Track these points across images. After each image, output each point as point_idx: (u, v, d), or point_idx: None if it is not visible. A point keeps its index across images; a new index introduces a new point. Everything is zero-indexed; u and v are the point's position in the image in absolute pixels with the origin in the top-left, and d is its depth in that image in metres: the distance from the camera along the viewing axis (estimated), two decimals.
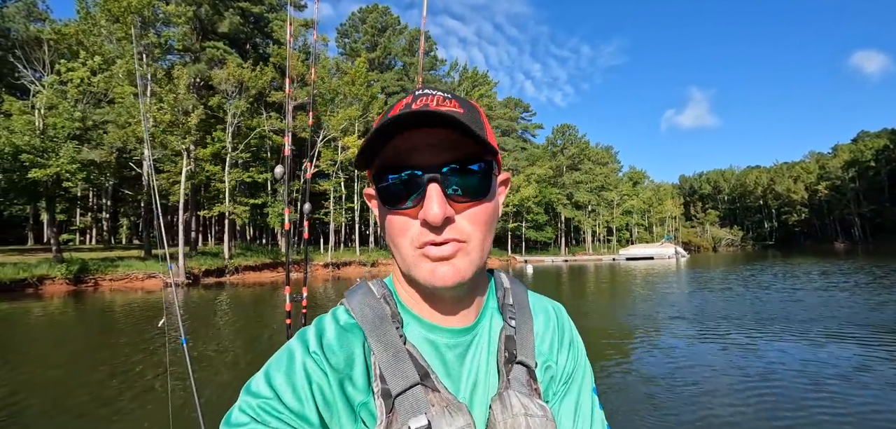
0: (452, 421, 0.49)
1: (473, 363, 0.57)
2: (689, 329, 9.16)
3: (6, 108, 21.37)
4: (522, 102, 73.37)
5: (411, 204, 0.50)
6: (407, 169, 0.50)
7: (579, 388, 0.63)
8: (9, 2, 33.72)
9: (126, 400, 5.42)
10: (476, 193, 0.51)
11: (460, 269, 0.50)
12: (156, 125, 23.11)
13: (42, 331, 10.75)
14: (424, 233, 0.50)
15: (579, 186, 64.14)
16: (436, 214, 0.48)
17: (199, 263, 24.03)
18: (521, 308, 0.62)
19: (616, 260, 52.01)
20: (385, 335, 0.53)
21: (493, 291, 0.63)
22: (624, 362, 6.88)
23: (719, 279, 21.30)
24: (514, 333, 0.59)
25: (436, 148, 0.49)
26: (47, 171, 19.89)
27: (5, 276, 17.68)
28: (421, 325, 0.56)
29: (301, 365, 0.50)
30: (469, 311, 0.57)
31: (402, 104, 0.52)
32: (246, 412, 0.47)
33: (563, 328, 0.66)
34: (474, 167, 0.51)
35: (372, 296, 0.57)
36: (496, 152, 0.52)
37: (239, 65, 29.27)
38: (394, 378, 0.50)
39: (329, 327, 0.55)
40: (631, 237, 76.51)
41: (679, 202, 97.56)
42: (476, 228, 0.51)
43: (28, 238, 37.51)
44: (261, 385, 0.49)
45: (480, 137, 0.48)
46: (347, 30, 53.16)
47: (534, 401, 0.54)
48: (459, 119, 0.46)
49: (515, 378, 0.56)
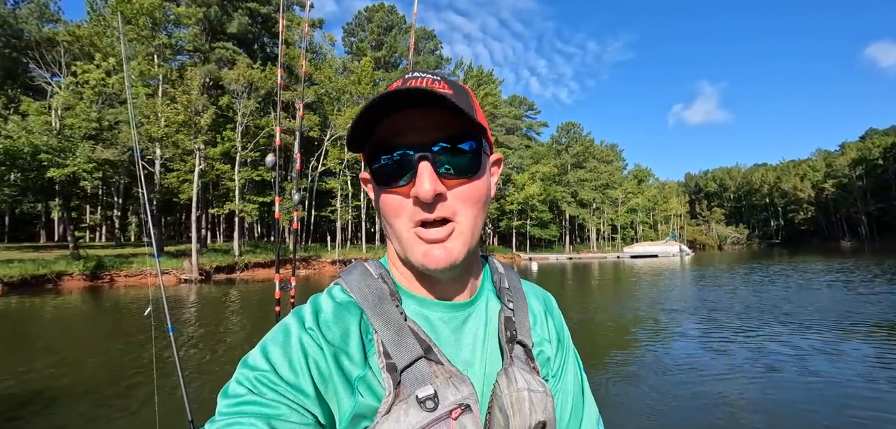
0: (457, 391, 0.51)
1: (469, 338, 0.59)
2: (692, 326, 9.37)
3: (23, 108, 21.93)
4: (527, 100, 73.47)
5: (404, 183, 0.52)
6: (398, 149, 0.51)
7: (571, 370, 0.68)
8: (21, 3, 34.33)
9: (133, 385, 5.82)
10: (466, 171, 0.53)
11: (452, 251, 0.52)
12: (168, 125, 23.59)
13: (63, 323, 11.22)
14: (418, 211, 0.51)
15: (584, 184, 64.20)
16: (427, 190, 0.49)
17: (211, 259, 24.53)
18: (517, 293, 0.66)
19: (620, 258, 52.12)
20: (386, 312, 0.54)
21: (489, 274, 0.67)
22: (629, 358, 7.03)
23: (723, 277, 21.51)
24: (513, 314, 0.62)
25: (426, 127, 0.51)
26: (65, 170, 20.43)
27: (26, 272, 18.24)
28: (416, 301, 0.58)
29: (297, 339, 0.52)
30: (462, 289, 0.60)
31: (393, 88, 0.52)
32: (243, 384, 0.49)
33: (552, 315, 0.70)
34: (464, 146, 0.52)
35: (369, 276, 0.59)
36: (485, 131, 0.54)
37: (249, 65, 29.72)
38: (398, 353, 0.52)
39: (325, 303, 0.56)
40: (635, 235, 76.45)
41: (684, 200, 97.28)
42: (467, 205, 0.53)
43: (40, 235, 38.29)
44: (257, 359, 0.51)
45: (468, 114, 0.49)
46: (353, 29, 53.50)
47: (535, 378, 0.58)
48: (447, 97, 0.47)
49: (516, 356, 0.59)
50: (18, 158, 20.19)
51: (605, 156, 70.64)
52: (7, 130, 20.28)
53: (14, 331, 9.98)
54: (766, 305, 11.71)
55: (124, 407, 5.11)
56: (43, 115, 21.76)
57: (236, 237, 28.85)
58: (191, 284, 20.91)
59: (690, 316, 10.70)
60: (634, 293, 16.40)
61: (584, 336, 9.09)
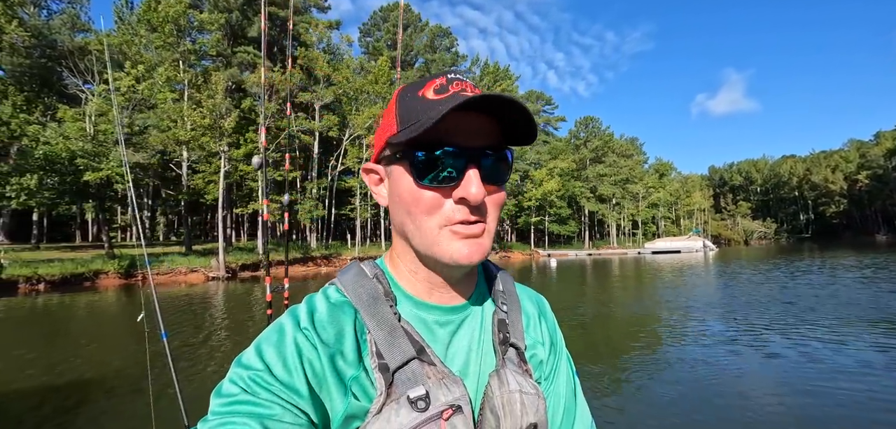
0: (449, 392, 0.51)
1: (464, 341, 0.59)
2: (714, 323, 9.23)
3: (60, 115, 23.05)
4: (544, 95, 72.78)
5: (445, 182, 0.52)
6: (448, 147, 0.51)
7: (563, 373, 0.69)
8: (55, 14, 35.96)
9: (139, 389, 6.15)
10: (500, 179, 0.55)
11: (484, 247, 0.54)
12: (194, 129, 24.40)
13: (95, 319, 11.85)
14: (457, 211, 0.52)
15: (603, 179, 63.29)
16: (476, 194, 0.50)
17: (236, 257, 25.31)
18: (511, 295, 0.67)
19: (641, 254, 51.28)
20: (379, 313, 0.55)
21: (483, 277, 0.68)
22: (648, 355, 6.96)
23: (748, 273, 21.02)
24: (506, 317, 0.63)
25: (476, 132, 0.52)
26: (99, 173, 21.42)
27: (66, 271, 19.24)
28: (412, 303, 0.58)
29: (292, 339, 0.52)
30: (461, 291, 0.61)
31: (437, 84, 0.53)
32: (236, 383, 0.49)
33: (546, 318, 0.71)
34: (503, 154, 0.55)
35: (364, 276, 0.59)
36: (533, 141, 0.55)
37: (269, 68, 30.41)
38: (391, 353, 0.52)
39: (320, 304, 0.57)
40: (657, 231, 74.98)
41: (708, 194, 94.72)
42: (496, 210, 0.55)
43: (76, 235, 40.14)
44: (251, 358, 0.51)
45: (535, 129, 0.53)
46: (369, 29, 54.03)
47: (527, 380, 0.58)
48: (529, 112, 0.50)
49: (509, 358, 0.60)
50: (57, 162, 21.28)
51: (624, 150, 69.46)
52: (46, 136, 21.40)
53: (51, 328, 10.59)
54: (794, 303, 11.47)
55: (132, 412, 5.09)
56: (78, 121, 22.84)
57: (259, 236, 29.66)
58: (218, 282, 21.65)
59: (712, 313, 10.57)
60: (655, 290, 16.23)
61: (603, 332, 9.11)
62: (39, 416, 4.96)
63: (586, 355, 7.34)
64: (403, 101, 0.55)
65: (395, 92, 0.58)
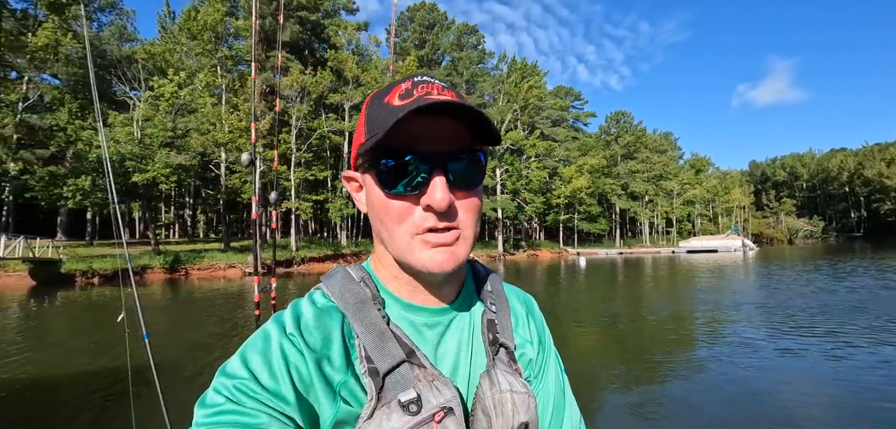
0: (440, 394, 0.51)
1: (453, 342, 0.59)
2: (750, 327, 8.89)
3: (110, 121, 24.67)
4: (573, 90, 71.41)
5: (413, 190, 0.52)
6: (412, 155, 0.51)
7: (552, 371, 0.69)
8: (104, 25, 38.40)
9: None
10: (471, 183, 0.54)
11: (458, 255, 0.53)
12: (231, 131, 25.53)
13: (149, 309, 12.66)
14: (426, 219, 0.52)
15: (635, 175, 61.54)
16: (441, 200, 0.50)
17: (271, 254, 26.31)
18: (499, 296, 0.67)
19: (675, 253, 49.62)
20: (367, 317, 0.54)
21: (470, 276, 0.67)
22: (677, 359, 6.74)
23: (790, 274, 20.06)
24: (495, 317, 0.63)
25: (441, 137, 0.51)
26: (146, 174, 22.80)
27: (116, 266, 20.58)
28: (400, 305, 0.58)
29: (278, 346, 0.51)
30: (447, 293, 0.61)
31: (402, 89, 0.52)
32: (221, 393, 0.47)
33: (534, 317, 0.71)
34: (473, 157, 0.54)
35: (351, 280, 0.59)
36: (498, 143, 0.54)
37: (301, 71, 31.37)
38: (380, 357, 0.52)
39: (306, 309, 0.56)
40: (693, 229, 72.27)
41: (749, 191, 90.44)
42: (470, 215, 0.54)
43: (125, 233, 42.71)
44: (236, 367, 0.49)
45: (495, 131, 0.51)
46: (397, 29, 54.65)
47: (517, 379, 0.58)
48: (485, 115, 0.49)
49: (499, 359, 0.60)
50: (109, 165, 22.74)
51: (658, 145, 67.25)
52: (98, 141, 22.95)
53: (96, 318, 11.39)
54: (838, 307, 10.91)
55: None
56: (126, 126, 24.37)
57: (293, 233, 30.70)
58: (254, 277, 22.64)
59: (746, 315, 10.21)
60: (686, 290, 15.77)
61: (632, 332, 9.00)
62: (88, 393, 5.42)
63: (613, 354, 7.30)
64: (371, 108, 0.54)
65: (366, 99, 0.57)
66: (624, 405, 4.84)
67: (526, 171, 44.63)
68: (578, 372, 6.40)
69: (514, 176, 43.62)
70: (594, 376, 6.09)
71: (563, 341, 8.43)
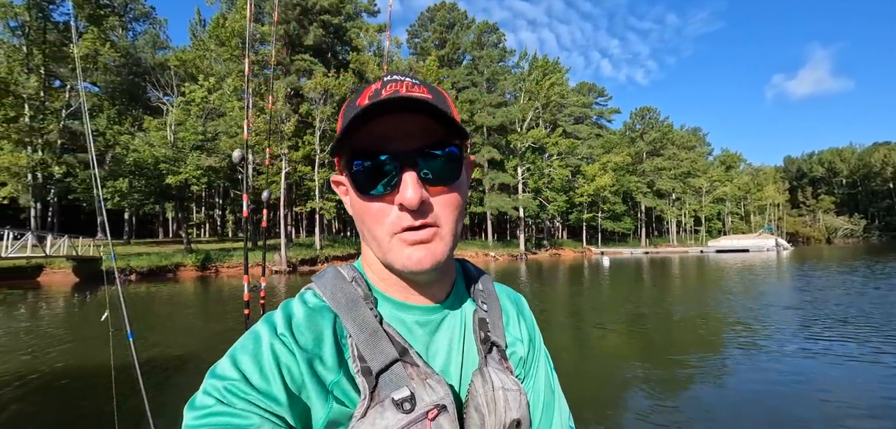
0: (433, 392, 0.51)
1: (444, 340, 0.60)
2: (784, 332, 8.43)
3: (145, 126, 25.88)
4: (597, 87, 70.19)
5: (387, 190, 0.52)
6: (382, 155, 0.51)
7: (543, 369, 0.70)
8: (139, 35, 40.25)
9: None
10: (448, 177, 0.53)
11: (436, 252, 0.52)
12: (258, 134, 26.31)
13: (173, 306, 13.24)
14: (401, 218, 0.51)
15: (661, 173, 59.96)
16: (412, 198, 0.49)
17: (297, 253, 27.05)
18: (490, 294, 0.68)
19: (704, 252, 48.15)
20: (359, 316, 0.54)
21: (461, 276, 0.68)
22: (708, 368, 6.23)
23: (826, 276, 19.20)
24: (487, 316, 0.64)
25: (409, 134, 0.51)
26: (179, 176, 23.80)
27: (152, 263, 21.64)
28: (391, 304, 0.58)
29: (268, 346, 0.50)
30: (438, 292, 0.61)
31: (372, 90, 0.53)
32: (211, 395, 0.47)
33: (524, 316, 0.72)
34: (446, 152, 0.53)
35: (342, 279, 0.58)
36: (467, 137, 0.55)
37: (324, 74, 32.03)
38: (373, 356, 0.52)
39: (297, 309, 0.55)
40: (723, 228, 69.91)
41: (783, 188, 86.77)
42: (448, 211, 0.54)
43: (158, 232, 44.64)
44: (226, 368, 0.49)
45: (455, 123, 0.51)
46: (417, 29, 55.00)
47: (509, 377, 0.59)
48: (435, 105, 0.48)
49: (491, 357, 0.61)
50: (144, 167, 23.92)
51: (685, 141, 65.36)
52: (134, 145, 24.12)
53: (135, 312, 11.99)
54: (879, 311, 10.41)
55: None
56: (160, 131, 25.50)
57: (317, 233, 31.41)
58: (281, 276, 23.29)
59: (779, 319, 9.87)
60: (713, 291, 15.33)
61: (657, 334, 8.85)
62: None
63: (634, 355, 7.22)
64: (345, 111, 0.55)
65: (344, 104, 0.59)
66: (645, 410, 4.71)
67: (548, 169, 44.16)
68: (598, 374, 6.36)
69: (535, 174, 43.24)
70: (614, 378, 6.04)
71: (583, 342, 8.38)
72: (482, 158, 43.40)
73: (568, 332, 9.22)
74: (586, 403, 4.95)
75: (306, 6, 36.48)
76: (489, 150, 43.12)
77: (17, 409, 4.94)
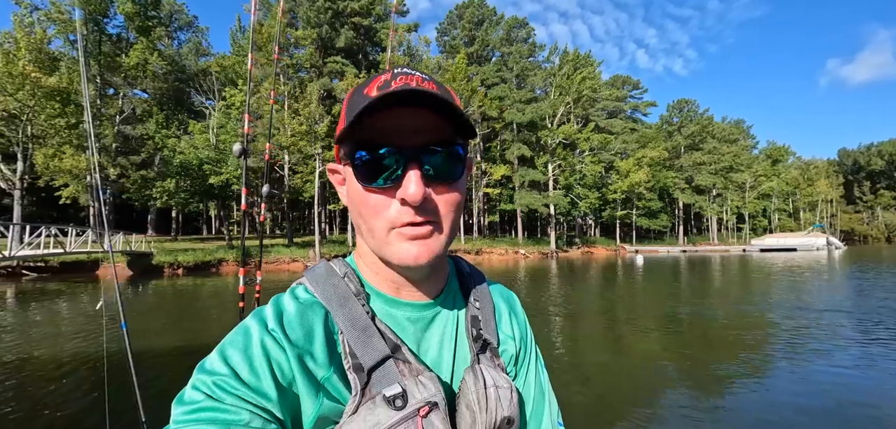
0: (425, 389, 0.51)
1: (436, 337, 0.60)
2: (835, 343, 7.60)
3: (190, 129, 27.43)
4: (631, 79, 68.05)
5: (388, 183, 0.51)
6: (386, 147, 0.50)
7: (533, 367, 0.70)
8: (183, 43, 42.58)
9: None
10: (450, 175, 0.53)
11: (433, 249, 0.52)
12: (293, 135, 27.35)
13: (214, 300, 14.02)
14: (402, 213, 0.51)
15: (701, 167, 57.48)
16: (415, 194, 0.49)
17: (330, 249, 27.93)
18: (482, 292, 0.68)
19: (747, 251, 45.87)
20: (351, 312, 0.54)
21: (454, 273, 0.68)
22: (747, 376, 5.78)
23: (884, 278, 17.95)
24: (479, 313, 0.64)
25: (416, 129, 0.50)
26: (221, 177, 25.11)
27: (197, 258, 22.97)
28: (383, 300, 0.58)
29: (258, 341, 0.50)
30: (430, 288, 0.61)
31: (381, 81, 0.51)
32: (199, 390, 0.46)
33: (516, 314, 0.72)
34: (451, 150, 0.52)
35: (334, 274, 0.58)
36: (475, 135, 0.53)
37: (355, 75, 32.80)
38: (365, 352, 0.52)
39: (288, 304, 0.55)
40: (770, 225, 66.25)
41: (837, 182, 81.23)
42: (448, 209, 0.53)
43: (202, 229, 47.12)
44: (216, 363, 0.48)
45: (463, 121, 0.50)
46: (446, 28, 55.15)
47: (500, 375, 0.59)
48: (445, 101, 0.48)
49: (482, 354, 0.61)
50: (189, 169, 25.40)
51: (727, 134, 62.33)
52: (180, 148, 25.64)
53: (174, 303, 12.80)
54: None
55: None
56: (203, 133, 26.96)
57: (350, 230, 32.26)
58: None
59: (829, 324, 9.37)
60: (754, 291, 14.68)
61: (690, 336, 8.64)
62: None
63: (667, 357, 7.10)
64: (350, 99, 0.54)
65: (349, 91, 0.58)
66: (680, 418, 4.48)
67: (579, 165, 43.32)
68: (627, 376, 6.31)
69: (567, 171, 42.53)
70: (641, 381, 5.97)
71: (609, 341, 8.29)
72: (512, 156, 43.08)
73: (592, 331, 9.14)
74: (609, 406, 4.91)
75: (338, 10, 37.45)
76: (519, 147, 42.77)
77: (71, 384, 5.47)
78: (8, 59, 20.67)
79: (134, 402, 2.41)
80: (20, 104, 21.34)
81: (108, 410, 2.89)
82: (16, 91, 20.81)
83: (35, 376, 5.91)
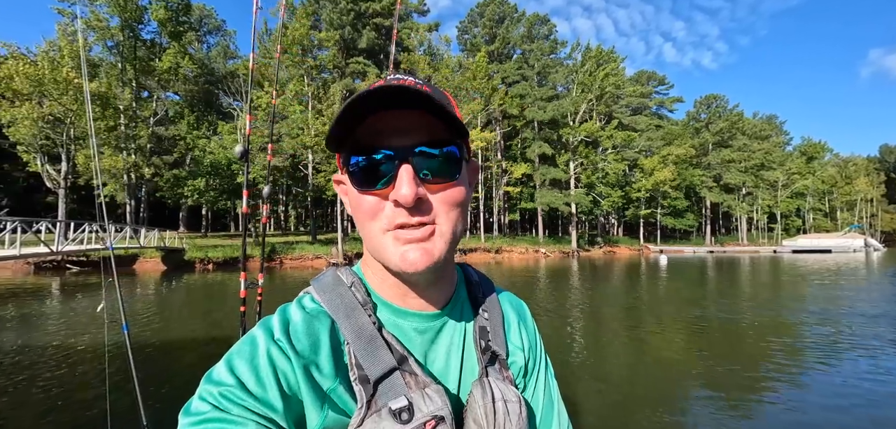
0: (431, 402, 0.50)
1: (443, 349, 0.59)
2: (870, 350, 7.30)
3: (219, 130, 28.46)
4: (657, 75, 66.36)
5: (383, 185, 0.51)
6: (379, 150, 0.50)
7: (542, 378, 0.68)
8: (212, 46, 44.07)
9: None
10: (446, 174, 0.52)
11: (433, 252, 0.51)
12: (317, 135, 27.99)
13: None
14: (397, 214, 0.50)
15: (730, 165, 55.57)
16: (406, 194, 0.48)
17: (352, 246, 28.51)
18: (492, 302, 0.66)
19: (778, 252, 44.19)
20: (357, 322, 0.53)
21: (463, 283, 0.67)
22: (778, 389, 5.49)
23: None
24: (487, 324, 0.63)
25: (407, 129, 0.50)
26: (248, 176, 25.99)
27: (226, 254, 23.89)
28: (390, 310, 0.57)
29: (265, 352, 0.49)
30: (438, 297, 0.59)
31: (374, 87, 0.49)
32: (206, 400, 0.46)
33: (526, 324, 0.70)
34: (445, 150, 0.52)
35: (341, 284, 0.58)
36: (466, 135, 0.53)
37: (377, 75, 33.26)
38: (371, 364, 0.51)
39: (295, 314, 0.54)
40: (804, 225, 63.51)
41: (878, 181, 77.01)
42: (447, 209, 0.52)
43: (231, 226, 48.70)
44: (222, 373, 0.48)
45: (453, 117, 0.49)
46: (467, 26, 55.11)
47: (508, 387, 0.57)
48: (434, 100, 0.47)
49: (490, 366, 0.60)
50: (218, 168, 26.36)
51: (758, 131, 60.03)
52: (210, 148, 26.64)
53: (204, 296, 13.34)
54: None
55: None
56: (232, 134, 27.91)
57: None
58: (337, 267, 24.85)
59: (860, 334, 9.04)
60: (784, 294, 14.24)
61: (718, 338, 8.53)
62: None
63: (687, 362, 7.05)
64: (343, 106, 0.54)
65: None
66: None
67: (602, 163, 42.65)
68: (648, 380, 6.31)
69: (588, 169, 41.96)
70: (663, 387, 5.96)
71: (638, 344, 8.25)
72: (533, 154, 42.79)
73: (611, 332, 9.11)
74: (629, 411, 4.87)
75: (360, 11, 38.01)
76: (540, 145, 42.46)
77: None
78: (53, 66, 21.95)
79: (134, 402, 2.41)
80: (64, 108, 22.62)
81: (108, 410, 2.93)
82: (60, 96, 22.08)
83: (55, 364, 6.38)
